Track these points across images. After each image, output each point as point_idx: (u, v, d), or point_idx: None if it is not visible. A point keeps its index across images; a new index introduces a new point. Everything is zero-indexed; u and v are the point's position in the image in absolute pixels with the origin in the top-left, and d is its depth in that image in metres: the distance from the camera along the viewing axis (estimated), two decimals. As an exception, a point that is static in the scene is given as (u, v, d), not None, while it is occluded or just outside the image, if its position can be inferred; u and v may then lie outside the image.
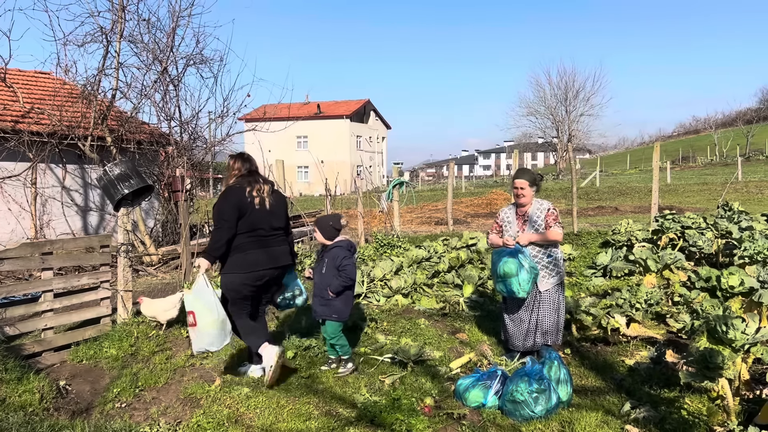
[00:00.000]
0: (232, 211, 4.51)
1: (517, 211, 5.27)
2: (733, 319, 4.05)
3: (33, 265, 5.62)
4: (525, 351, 5.27)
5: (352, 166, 55.61)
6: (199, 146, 12.84)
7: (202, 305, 4.38)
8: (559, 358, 4.49)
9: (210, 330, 4.39)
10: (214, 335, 4.42)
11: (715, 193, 21.48)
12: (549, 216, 5.12)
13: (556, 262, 5.15)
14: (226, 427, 3.98)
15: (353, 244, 5.14)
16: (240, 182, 4.70)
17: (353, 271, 4.93)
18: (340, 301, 4.95)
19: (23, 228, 11.55)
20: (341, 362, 5.06)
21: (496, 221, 5.44)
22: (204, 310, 4.38)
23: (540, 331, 5.16)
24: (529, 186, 5.14)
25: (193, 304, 4.38)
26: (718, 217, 8.61)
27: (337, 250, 4.97)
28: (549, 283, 5.12)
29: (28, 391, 4.43)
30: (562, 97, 56.49)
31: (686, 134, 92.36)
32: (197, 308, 4.37)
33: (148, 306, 6.00)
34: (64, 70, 10.88)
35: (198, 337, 4.43)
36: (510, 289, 4.98)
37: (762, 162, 42.92)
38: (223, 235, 4.49)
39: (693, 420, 3.86)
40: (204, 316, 4.38)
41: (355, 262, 5.04)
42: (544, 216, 5.12)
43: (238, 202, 4.56)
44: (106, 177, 6.06)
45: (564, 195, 22.93)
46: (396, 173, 13.85)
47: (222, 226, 4.49)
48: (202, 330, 4.38)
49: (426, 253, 8.74)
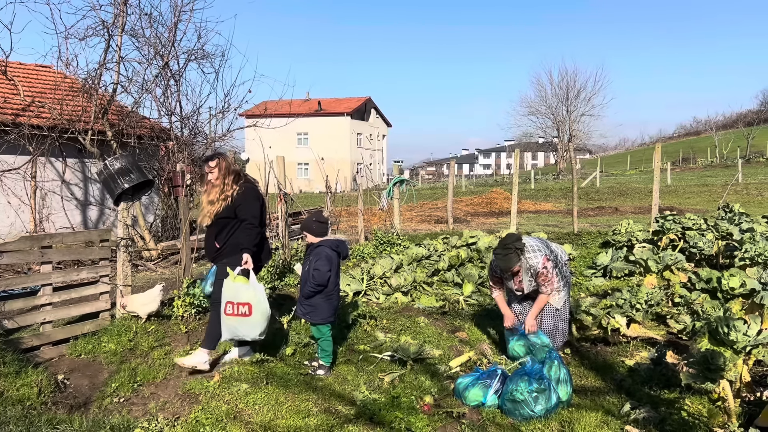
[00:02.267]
0: (260, 208, 5.06)
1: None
2: (734, 321, 4.05)
3: (32, 258, 5.60)
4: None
5: (353, 163, 55.57)
6: (199, 141, 12.82)
7: (259, 298, 4.76)
8: (559, 358, 4.48)
9: (262, 321, 4.80)
10: (264, 325, 4.85)
11: (716, 194, 21.47)
12: (540, 278, 5.06)
13: (560, 272, 5.15)
14: (225, 423, 3.96)
15: (341, 243, 5.03)
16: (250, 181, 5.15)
17: (322, 276, 4.78)
18: (322, 303, 4.86)
19: (22, 221, 11.53)
20: (320, 366, 4.96)
21: (494, 275, 5.42)
22: (260, 302, 4.76)
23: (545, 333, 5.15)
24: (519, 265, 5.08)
25: (251, 296, 4.74)
26: (718, 218, 8.61)
27: (320, 249, 4.88)
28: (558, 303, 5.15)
29: (26, 385, 4.41)
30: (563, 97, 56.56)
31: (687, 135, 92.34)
32: (254, 300, 4.74)
33: (128, 301, 6.00)
34: (65, 64, 10.84)
35: (248, 325, 4.78)
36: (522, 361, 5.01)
37: (762, 164, 42.92)
38: (256, 231, 4.96)
39: (693, 421, 3.84)
40: (259, 307, 4.76)
41: (337, 264, 4.92)
42: (538, 272, 5.05)
43: (262, 199, 5.15)
44: (106, 171, 6.03)
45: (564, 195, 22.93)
46: (397, 171, 13.83)
47: (255, 223, 4.95)
48: (254, 320, 4.76)
49: (426, 252, 8.73)
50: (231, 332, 4.84)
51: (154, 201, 13.46)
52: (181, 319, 6.05)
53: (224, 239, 4.95)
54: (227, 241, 4.95)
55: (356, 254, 9.65)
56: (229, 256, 4.91)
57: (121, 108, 12.28)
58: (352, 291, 7.18)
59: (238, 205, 4.92)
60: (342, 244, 5.04)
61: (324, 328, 4.92)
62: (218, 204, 4.91)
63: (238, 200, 4.94)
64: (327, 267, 4.81)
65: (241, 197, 4.95)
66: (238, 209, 4.92)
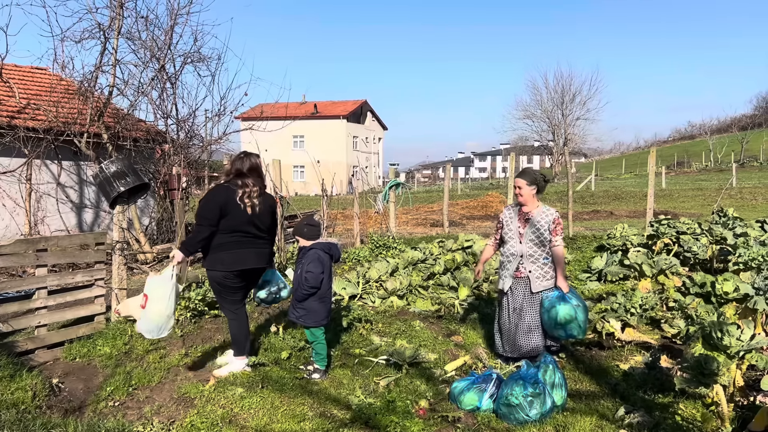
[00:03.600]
0: (215, 210, 4.57)
1: (520, 210, 5.27)
2: (728, 326, 4.07)
3: (27, 261, 5.58)
4: (517, 357, 5.25)
5: (349, 166, 55.56)
6: (195, 144, 12.81)
7: (159, 294, 4.42)
8: (554, 362, 4.49)
9: (154, 318, 4.43)
10: (155, 326, 4.46)
11: (710, 198, 21.57)
12: (557, 224, 5.10)
13: (553, 265, 5.15)
14: (220, 427, 3.96)
15: (333, 246, 5.02)
16: (229, 182, 4.75)
17: (315, 278, 4.76)
18: (315, 305, 4.85)
19: (17, 224, 11.49)
20: (315, 370, 4.96)
21: (498, 220, 5.46)
22: (158, 298, 4.42)
23: (537, 332, 5.15)
24: (527, 185, 5.14)
25: (152, 290, 4.43)
26: (712, 222, 8.65)
27: (312, 252, 4.87)
28: (542, 285, 5.11)
29: (20, 389, 4.40)
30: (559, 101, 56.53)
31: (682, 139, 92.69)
32: (153, 294, 4.42)
33: (124, 306, 5.97)
34: (61, 66, 10.82)
35: (141, 320, 4.46)
36: (570, 333, 5.00)
37: (756, 168, 43.13)
38: (202, 231, 4.58)
39: (687, 426, 3.86)
40: (155, 304, 4.42)
41: (329, 266, 4.91)
42: (552, 222, 5.10)
43: (223, 201, 4.61)
44: (102, 174, 6.02)
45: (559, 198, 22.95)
46: (393, 174, 13.86)
47: (203, 223, 4.57)
48: (147, 316, 4.42)
49: (422, 255, 8.74)
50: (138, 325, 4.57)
51: (149, 204, 13.43)
52: (177, 322, 6.04)
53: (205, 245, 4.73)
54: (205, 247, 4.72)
55: (352, 257, 9.66)
56: (205, 261, 4.76)
57: (117, 111, 12.26)
58: (347, 294, 7.19)
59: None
60: (334, 246, 5.04)
61: (318, 332, 4.93)
62: None
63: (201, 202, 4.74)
64: (320, 269, 4.80)
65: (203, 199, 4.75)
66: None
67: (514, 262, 5.20)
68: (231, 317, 4.94)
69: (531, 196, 5.17)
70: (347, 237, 12.60)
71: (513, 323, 5.22)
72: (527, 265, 5.14)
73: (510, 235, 5.24)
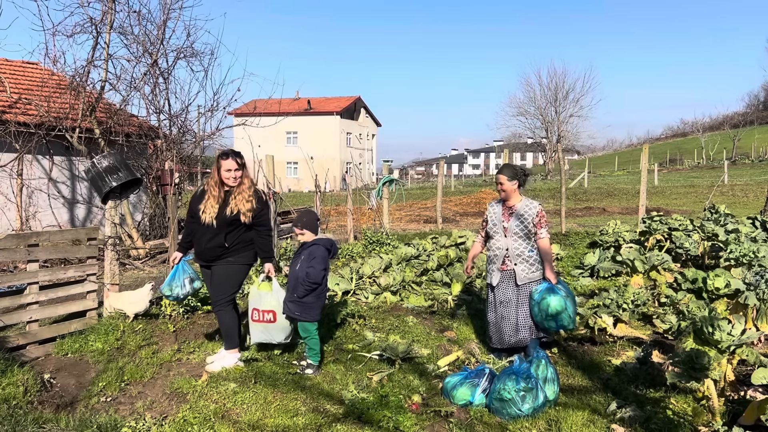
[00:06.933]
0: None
1: (504, 205, 5.32)
2: (719, 321, 4.09)
3: (18, 256, 5.55)
4: (510, 349, 5.28)
5: (342, 162, 55.52)
6: (188, 140, 12.77)
7: (275, 304, 4.98)
8: (546, 357, 4.50)
9: (287, 325, 5.03)
10: (289, 330, 5.07)
11: (702, 195, 21.68)
12: (540, 216, 5.17)
13: (538, 257, 5.20)
14: (213, 422, 3.95)
15: (333, 243, 5.06)
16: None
17: (318, 275, 4.80)
18: (314, 301, 4.89)
19: (8, 219, 11.42)
20: (308, 365, 4.97)
21: (485, 217, 5.50)
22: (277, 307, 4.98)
23: (527, 325, 5.18)
24: (508, 180, 5.21)
25: (274, 304, 4.98)
26: (704, 219, 8.68)
27: (315, 248, 4.89)
28: (528, 278, 5.15)
29: (12, 384, 4.37)
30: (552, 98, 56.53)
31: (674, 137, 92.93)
32: (277, 307, 4.97)
33: (116, 299, 5.96)
34: (52, 61, 10.78)
35: (274, 330, 5.03)
36: (561, 324, 5.05)
37: (748, 166, 43.35)
38: (271, 236, 5.06)
39: (678, 420, 3.89)
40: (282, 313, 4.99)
41: (328, 265, 4.97)
42: (535, 215, 5.16)
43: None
44: (94, 169, 6.00)
45: (552, 195, 23.02)
46: (386, 171, 13.84)
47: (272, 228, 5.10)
48: (279, 325, 5.01)
49: (415, 251, 8.74)
50: (260, 336, 5.08)
51: (142, 199, 13.38)
52: (169, 318, 6.02)
53: (234, 239, 4.91)
54: (236, 241, 4.93)
55: (345, 254, 9.65)
56: (236, 254, 4.95)
57: (109, 106, 12.20)
58: (341, 290, 7.18)
59: (259, 210, 4.94)
60: (334, 243, 5.08)
61: (311, 327, 4.94)
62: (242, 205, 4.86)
63: (259, 205, 4.95)
64: (323, 266, 4.85)
65: (261, 202, 4.98)
66: (254, 213, 4.93)
67: (500, 256, 5.25)
68: (227, 310, 5.00)
69: (513, 191, 5.23)
70: (340, 233, 12.60)
71: (500, 316, 5.25)
72: (513, 258, 5.19)
73: (495, 230, 5.30)
